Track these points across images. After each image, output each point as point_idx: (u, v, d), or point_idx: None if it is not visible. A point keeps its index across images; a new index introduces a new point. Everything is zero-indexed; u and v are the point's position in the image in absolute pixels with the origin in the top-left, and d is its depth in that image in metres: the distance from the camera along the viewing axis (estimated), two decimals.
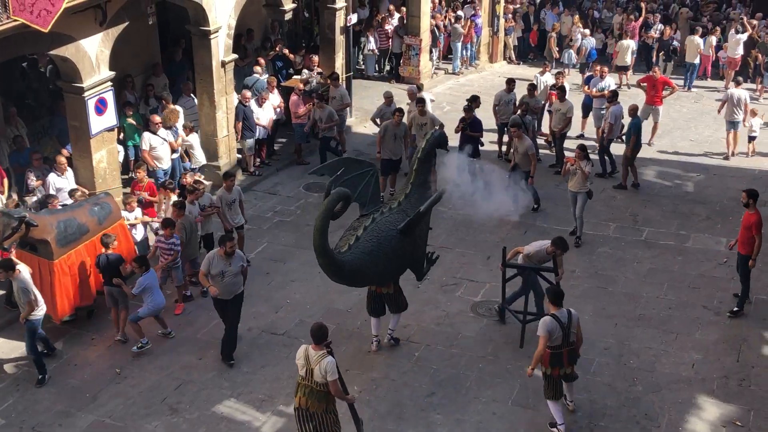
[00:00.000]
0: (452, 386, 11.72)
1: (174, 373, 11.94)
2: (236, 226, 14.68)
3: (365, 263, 11.30)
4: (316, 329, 9.70)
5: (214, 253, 11.98)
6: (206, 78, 17.08)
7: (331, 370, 9.55)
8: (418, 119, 17.74)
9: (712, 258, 15.18)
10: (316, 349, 9.62)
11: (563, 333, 10.47)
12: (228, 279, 11.82)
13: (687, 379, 11.85)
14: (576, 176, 15.55)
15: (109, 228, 13.27)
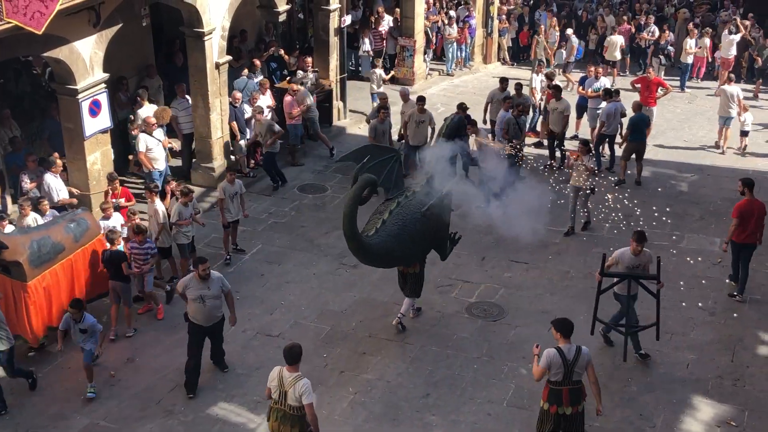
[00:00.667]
0: (447, 387, 11.70)
1: (168, 376, 11.90)
2: (232, 220, 14.97)
3: (392, 245, 11.94)
4: (288, 350, 9.42)
5: (191, 277, 11.54)
6: (200, 80, 17.04)
7: (306, 392, 9.22)
8: (417, 116, 17.83)
9: (706, 258, 15.18)
10: (290, 370, 9.35)
11: (565, 370, 9.67)
12: (209, 303, 11.40)
13: (681, 379, 11.85)
14: (579, 171, 15.75)
15: (88, 245, 12.88)
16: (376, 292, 14.08)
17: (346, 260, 15.03)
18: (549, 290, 14.18)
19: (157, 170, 16.20)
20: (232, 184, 14.88)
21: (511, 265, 14.95)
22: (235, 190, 14.91)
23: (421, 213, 12.23)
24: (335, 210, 17.01)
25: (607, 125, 18.86)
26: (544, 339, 12.62)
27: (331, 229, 16.17)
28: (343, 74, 21.77)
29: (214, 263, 14.79)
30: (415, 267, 12.79)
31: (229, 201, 14.85)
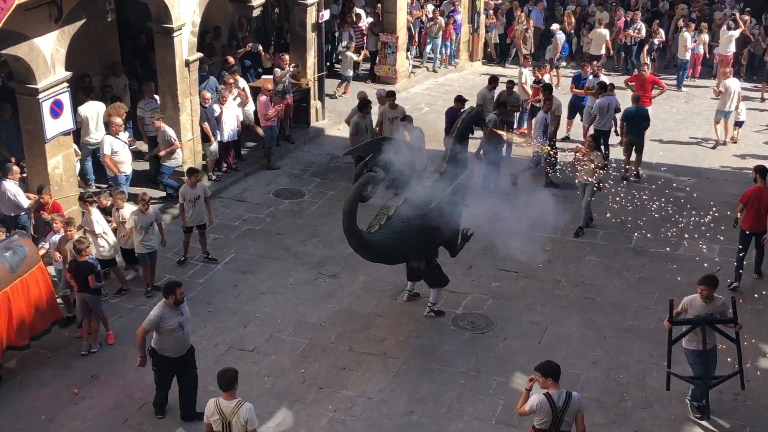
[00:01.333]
0: (432, 403, 11.69)
1: (136, 393, 11.83)
2: (198, 224, 15.06)
3: (396, 242, 12.33)
4: (221, 375, 9.29)
5: (162, 308, 10.92)
6: (169, 78, 16.99)
7: (251, 418, 9.15)
8: (389, 113, 17.97)
9: (704, 266, 15.21)
10: (227, 398, 9.24)
11: (554, 418, 9.30)
12: (187, 327, 11.12)
13: (679, 393, 11.86)
14: (585, 166, 16.10)
15: (27, 274, 12.27)
16: (356, 303, 14.07)
17: (324, 269, 15.04)
18: (539, 300, 14.21)
19: (124, 174, 16.12)
20: (193, 188, 14.88)
21: (500, 273, 14.98)
22: (196, 194, 14.91)
23: (429, 209, 12.52)
24: (313, 216, 17.03)
25: (599, 120, 19.09)
26: (533, 351, 12.72)
27: (309, 237, 16.17)
28: (321, 72, 21.78)
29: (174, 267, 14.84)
30: (421, 263, 13.27)
31: (189, 205, 14.85)
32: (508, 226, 13.94)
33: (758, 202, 14.29)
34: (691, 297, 11.31)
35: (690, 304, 11.26)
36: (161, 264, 14.91)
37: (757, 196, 14.31)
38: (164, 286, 11.31)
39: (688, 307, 11.29)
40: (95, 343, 12.86)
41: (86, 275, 12.59)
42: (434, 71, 26.78)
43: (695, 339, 11.20)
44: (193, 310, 13.58)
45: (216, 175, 18.44)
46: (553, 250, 15.81)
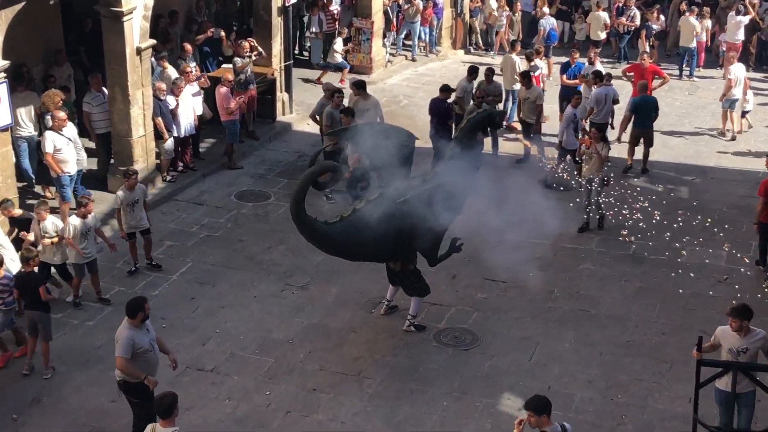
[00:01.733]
0: (411, 429, 11.70)
1: (81, 419, 11.77)
2: (141, 229, 15.05)
3: (354, 237, 12.64)
4: (159, 401, 9.28)
5: (129, 329, 10.62)
6: (118, 68, 16.92)
7: None
8: (361, 104, 18.05)
9: (710, 274, 15.37)
10: (165, 425, 9.23)
11: None
12: (156, 347, 10.96)
13: (684, 415, 11.93)
14: (592, 160, 16.40)
15: None
16: (328, 318, 14.06)
17: (292, 280, 15.02)
18: (530, 313, 14.26)
19: (68, 174, 16.02)
20: (131, 191, 14.83)
21: (486, 284, 15.01)
22: (135, 197, 14.87)
23: (396, 209, 12.62)
24: (279, 221, 17.00)
25: (596, 112, 19.20)
26: (523, 370, 12.76)
27: (275, 244, 16.14)
28: (288, 61, 21.77)
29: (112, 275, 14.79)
30: (396, 264, 13.39)
31: (128, 210, 14.84)
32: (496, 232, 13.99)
33: None
34: (724, 327, 10.90)
35: (722, 336, 10.83)
36: (110, 275, 14.86)
37: None
38: (129, 305, 10.84)
39: (721, 340, 10.86)
40: (48, 368, 12.70)
41: (36, 287, 12.49)
42: (413, 60, 26.85)
43: (727, 381, 10.79)
44: None
45: (171, 176, 18.38)
46: (544, 257, 15.86)
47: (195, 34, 21.28)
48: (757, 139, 21.93)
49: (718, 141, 21.53)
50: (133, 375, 10.66)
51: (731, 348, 10.68)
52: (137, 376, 10.63)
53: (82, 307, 14.09)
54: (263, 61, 20.91)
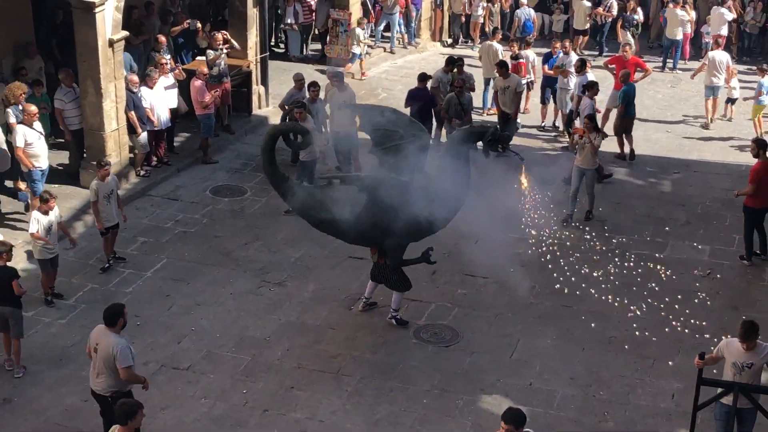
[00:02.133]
0: (391, 427, 11.73)
1: (53, 419, 11.73)
2: (111, 225, 15.01)
3: (311, 206, 13.16)
4: (119, 408, 9.09)
5: (117, 337, 10.38)
6: (90, 60, 16.84)
7: None
8: (338, 96, 18.01)
9: (693, 269, 15.47)
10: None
11: None
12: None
13: (666, 412, 12.03)
14: (585, 150, 16.64)
15: None
16: (305, 315, 14.06)
17: (269, 277, 15.01)
18: (511, 309, 14.30)
19: (39, 169, 15.93)
20: (104, 181, 14.82)
21: (467, 279, 15.05)
22: (110, 188, 14.89)
23: (376, 193, 12.71)
24: (255, 216, 17.00)
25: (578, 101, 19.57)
26: (504, 366, 12.81)
27: (251, 240, 16.13)
28: (264, 53, 21.72)
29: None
30: (373, 254, 13.55)
31: (104, 202, 14.80)
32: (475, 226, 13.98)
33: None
34: (729, 340, 10.72)
35: (727, 348, 10.60)
36: (82, 272, 14.84)
37: (765, 171, 15.20)
38: (108, 311, 10.50)
39: (725, 353, 10.62)
40: (19, 368, 12.65)
41: (9, 281, 12.43)
42: (392, 52, 26.87)
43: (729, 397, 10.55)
44: None
45: (145, 170, 18.33)
46: (525, 253, 15.91)
47: (171, 25, 21.21)
48: (740, 131, 22.07)
49: (701, 134, 21.66)
50: (138, 382, 10.58)
51: (735, 362, 10.42)
52: (141, 381, 10.58)
53: (54, 305, 14.03)
54: (239, 54, 20.87)
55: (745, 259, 15.65)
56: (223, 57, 19.84)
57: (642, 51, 26.93)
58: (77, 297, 14.31)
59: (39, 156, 15.95)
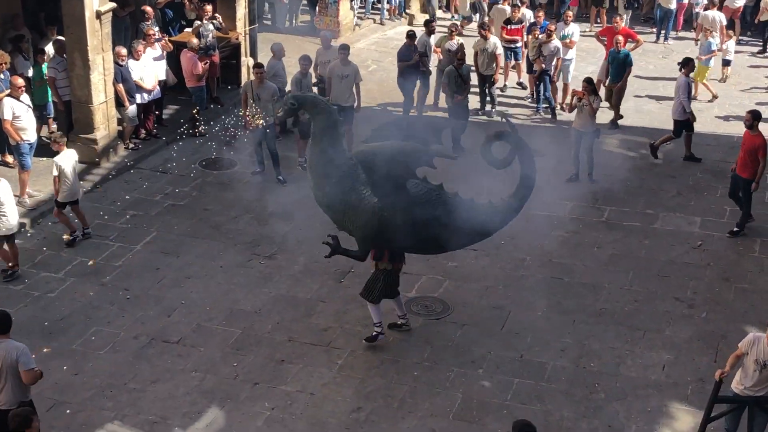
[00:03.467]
0: (382, 399, 11.77)
1: (44, 393, 11.71)
2: (74, 199, 14.95)
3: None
4: (12, 417, 8.78)
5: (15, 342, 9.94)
6: (78, 32, 16.75)
7: None
8: (340, 69, 18.00)
9: (684, 241, 15.52)
10: None
11: None
12: None
13: (656, 383, 12.10)
14: (583, 113, 17.16)
15: None
16: (296, 288, 14.09)
17: (259, 250, 15.03)
18: (501, 281, 14.35)
19: (27, 142, 15.89)
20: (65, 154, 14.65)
21: (457, 252, 14.98)
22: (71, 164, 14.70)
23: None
24: (245, 189, 16.98)
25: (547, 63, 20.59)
26: (495, 339, 12.86)
27: (241, 213, 16.12)
28: (253, 25, 21.65)
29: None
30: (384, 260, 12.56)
31: (64, 179, 14.58)
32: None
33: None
34: (757, 335, 10.27)
35: (754, 343, 10.16)
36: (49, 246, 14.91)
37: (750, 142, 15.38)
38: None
39: (750, 347, 10.18)
40: None
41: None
42: (381, 24, 26.82)
43: (745, 379, 10.30)
44: (108, 297, 13.63)
45: (134, 143, 18.29)
46: (516, 224, 15.90)
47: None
48: (732, 103, 22.13)
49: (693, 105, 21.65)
50: (39, 379, 10.06)
51: (758, 359, 10.07)
52: (40, 376, 10.06)
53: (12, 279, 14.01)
54: (227, 25, 20.82)
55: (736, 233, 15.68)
56: (211, 30, 19.79)
57: (635, 22, 26.96)
58: (66, 270, 14.29)
59: (27, 129, 15.92)
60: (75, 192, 14.91)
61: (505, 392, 11.83)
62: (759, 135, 15.31)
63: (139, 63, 18.06)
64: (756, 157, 15.22)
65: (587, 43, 24.54)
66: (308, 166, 12.39)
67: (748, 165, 15.29)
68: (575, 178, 17.54)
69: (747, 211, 15.64)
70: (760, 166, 15.28)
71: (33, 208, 15.78)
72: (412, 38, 19.90)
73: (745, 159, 15.33)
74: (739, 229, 15.61)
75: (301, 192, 16.84)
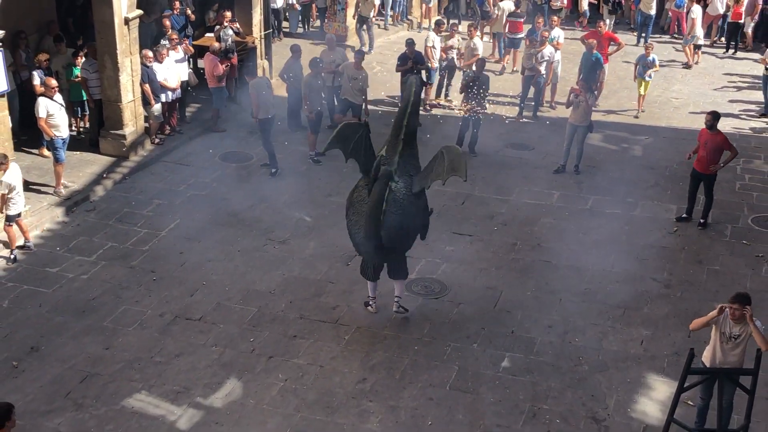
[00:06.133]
0: (385, 371, 11.80)
1: (77, 366, 11.78)
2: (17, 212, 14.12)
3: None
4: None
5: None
6: (108, 37, 16.75)
7: None
8: (353, 72, 18.09)
9: (661, 227, 15.51)
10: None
11: None
12: None
13: (635, 356, 12.12)
14: (579, 108, 17.07)
15: None
16: (307, 270, 14.10)
17: (273, 235, 15.03)
18: (494, 264, 14.35)
19: (60, 137, 15.90)
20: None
21: (454, 237, 15.08)
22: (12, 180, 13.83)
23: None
24: (260, 180, 16.99)
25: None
26: (488, 316, 12.88)
27: (257, 202, 16.13)
28: (267, 30, 21.63)
29: None
30: None
31: (15, 191, 13.88)
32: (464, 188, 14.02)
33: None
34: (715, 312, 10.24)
35: (720, 319, 10.17)
36: (102, 232, 14.90)
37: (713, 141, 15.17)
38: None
39: (716, 323, 10.20)
40: None
41: None
42: (385, 29, 26.73)
43: (713, 352, 10.31)
44: (136, 279, 13.66)
45: (159, 139, 18.30)
46: (507, 212, 15.96)
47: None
48: (705, 100, 22.08)
49: (670, 103, 21.63)
50: None
51: (724, 331, 10.12)
52: None
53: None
54: (244, 30, 20.81)
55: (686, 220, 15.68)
56: (230, 34, 19.78)
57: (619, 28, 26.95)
58: (98, 254, 14.31)
59: (59, 126, 15.89)
60: (22, 204, 14.26)
61: (497, 365, 11.86)
62: (719, 133, 15.20)
63: (163, 65, 18.07)
64: (720, 153, 15.15)
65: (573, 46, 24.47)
66: None
67: (713, 162, 15.15)
68: (562, 170, 17.50)
69: (710, 203, 15.51)
70: (729, 156, 15.29)
71: (67, 198, 15.79)
72: (411, 45, 19.63)
73: (709, 157, 15.11)
74: (704, 221, 15.50)
75: (312, 184, 16.94)
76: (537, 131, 19.69)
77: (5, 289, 13.28)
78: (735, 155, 15.48)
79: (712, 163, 15.15)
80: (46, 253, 14.30)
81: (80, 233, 14.90)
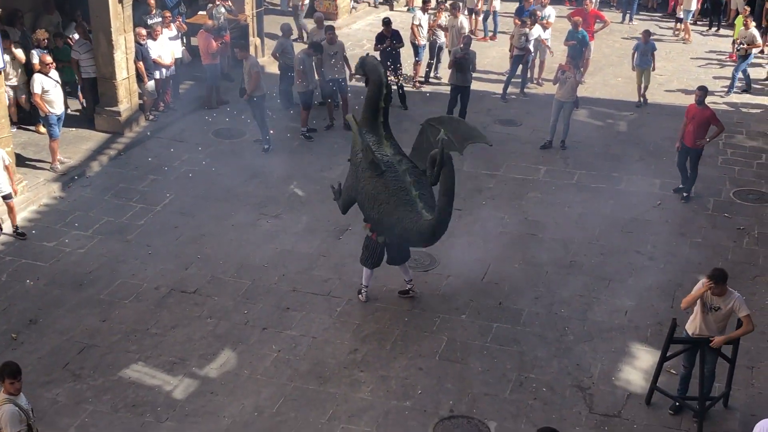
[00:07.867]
0: (376, 342, 11.84)
1: (75, 337, 11.79)
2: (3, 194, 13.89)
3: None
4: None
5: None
6: (102, 15, 16.66)
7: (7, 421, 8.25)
8: (327, 47, 17.91)
9: (645, 201, 15.54)
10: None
11: None
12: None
13: (620, 326, 12.18)
14: (566, 85, 17.03)
15: None
16: (300, 244, 14.10)
17: (266, 210, 15.02)
18: (482, 237, 14.37)
19: (54, 114, 15.81)
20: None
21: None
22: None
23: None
24: (254, 156, 16.95)
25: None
26: (476, 288, 12.92)
27: (250, 177, 16.10)
28: (260, 8, 21.51)
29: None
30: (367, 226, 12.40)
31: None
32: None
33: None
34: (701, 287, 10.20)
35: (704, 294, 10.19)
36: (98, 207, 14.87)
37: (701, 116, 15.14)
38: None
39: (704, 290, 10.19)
40: None
41: None
42: (375, 7, 26.62)
43: (696, 322, 10.34)
44: (132, 253, 13.64)
45: (153, 115, 18.23)
46: (495, 187, 15.97)
47: None
48: (689, 77, 22.07)
49: (654, 79, 21.56)
50: None
51: (706, 302, 10.18)
52: None
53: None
54: (237, 8, 20.69)
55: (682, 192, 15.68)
56: (223, 12, 19.66)
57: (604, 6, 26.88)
58: (94, 229, 14.29)
59: (54, 102, 15.81)
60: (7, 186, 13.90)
61: (485, 335, 11.91)
62: (707, 108, 15.20)
63: (157, 42, 17.97)
64: (707, 128, 15.11)
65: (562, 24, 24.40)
66: None
67: (699, 136, 15.12)
68: (549, 146, 17.50)
69: (694, 177, 15.52)
70: (716, 131, 15.22)
71: (63, 173, 15.75)
72: (388, 25, 19.54)
73: (696, 131, 15.07)
74: (687, 194, 15.53)
75: (304, 159, 16.91)
76: (524, 107, 19.68)
77: (3, 263, 13.26)
78: (722, 131, 15.47)
79: (699, 138, 15.13)
80: (43, 227, 14.27)
81: (77, 208, 14.87)
